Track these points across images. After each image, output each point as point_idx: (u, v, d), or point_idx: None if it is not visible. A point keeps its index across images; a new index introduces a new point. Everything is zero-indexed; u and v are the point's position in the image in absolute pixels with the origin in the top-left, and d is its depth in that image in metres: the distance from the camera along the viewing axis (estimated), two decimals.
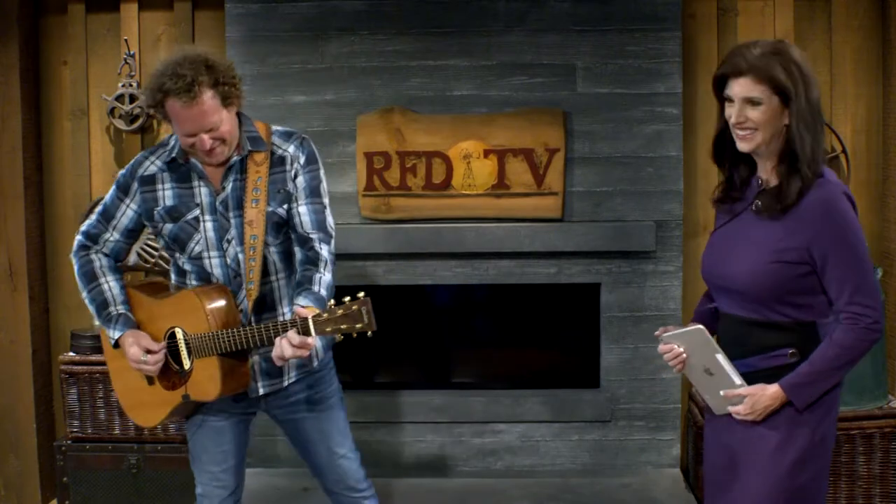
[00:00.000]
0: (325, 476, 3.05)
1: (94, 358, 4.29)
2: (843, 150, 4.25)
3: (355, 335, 2.51)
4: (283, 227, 2.84)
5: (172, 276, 2.97)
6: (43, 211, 4.57)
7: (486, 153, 4.19)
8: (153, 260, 4.43)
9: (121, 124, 4.39)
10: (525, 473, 4.32)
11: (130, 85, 4.38)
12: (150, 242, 4.44)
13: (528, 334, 4.52)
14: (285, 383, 2.92)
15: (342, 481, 3.04)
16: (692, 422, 4.25)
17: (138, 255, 4.44)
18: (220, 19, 4.35)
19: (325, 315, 2.50)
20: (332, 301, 2.56)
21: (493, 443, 4.35)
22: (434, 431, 4.34)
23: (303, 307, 2.57)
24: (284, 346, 2.54)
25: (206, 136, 2.67)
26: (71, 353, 4.36)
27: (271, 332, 2.61)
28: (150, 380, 2.88)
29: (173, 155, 2.81)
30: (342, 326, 2.49)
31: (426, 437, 4.34)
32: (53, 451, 4.36)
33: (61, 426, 4.54)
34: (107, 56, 4.48)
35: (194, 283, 2.87)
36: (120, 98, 4.38)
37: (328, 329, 2.50)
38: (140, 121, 4.38)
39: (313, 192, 2.84)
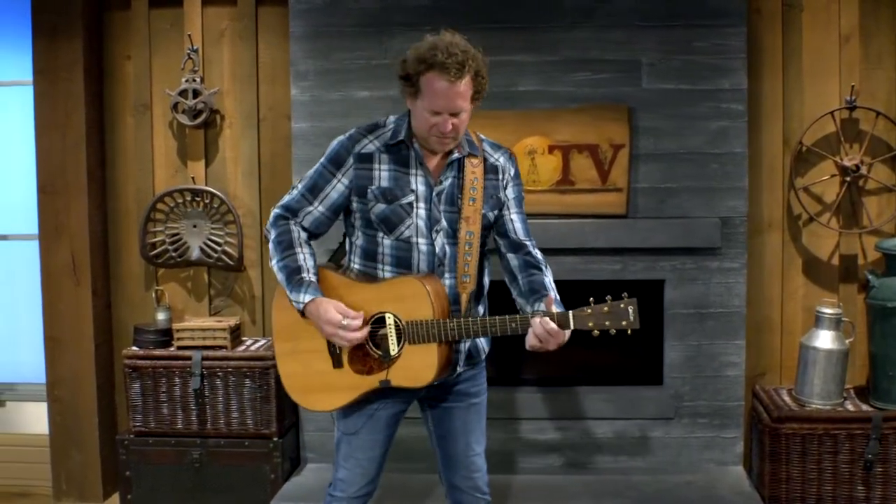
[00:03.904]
0: (456, 470, 3.06)
1: (157, 352, 4.32)
2: None
3: (614, 332, 2.63)
4: (486, 232, 2.93)
5: (355, 260, 2.93)
6: (106, 206, 4.59)
7: (551, 149, 4.18)
8: (216, 255, 4.44)
9: (184, 119, 4.40)
10: (588, 470, 4.32)
11: (194, 80, 4.39)
12: (213, 237, 4.45)
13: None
14: (454, 375, 2.96)
15: (471, 479, 3.07)
16: (756, 419, 4.23)
17: (201, 249, 4.45)
18: (283, 15, 4.35)
19: (588, 310, 2.61)
20: (592, 299, 2.69)
21: (556, 439, 4.35)
22: (496, 428, 4.32)
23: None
24: (543, 335, 2.66)
25: (450, 119, 2.72)
26: (134, 348, 4.37)
27: (521, 324, 2.68)
28: (338, 363, 2.84)
29: (400, 137, 2.83)
30: (606, 322, 2.61)
31: (488, 434, 4.30)
32: (116, 445, 4.37)
33: (124, 420, 4.56)
34: (170, 51, 4.49)
35: (387, 267, 2.85)
36: (183, 93, 4.39)
37: (590, 324, 2.61)
38: (203, 116, 4.38)
39: (521, 204, 3.00)
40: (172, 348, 4.34)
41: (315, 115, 4.24)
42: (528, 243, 2.95)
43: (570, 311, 2.61)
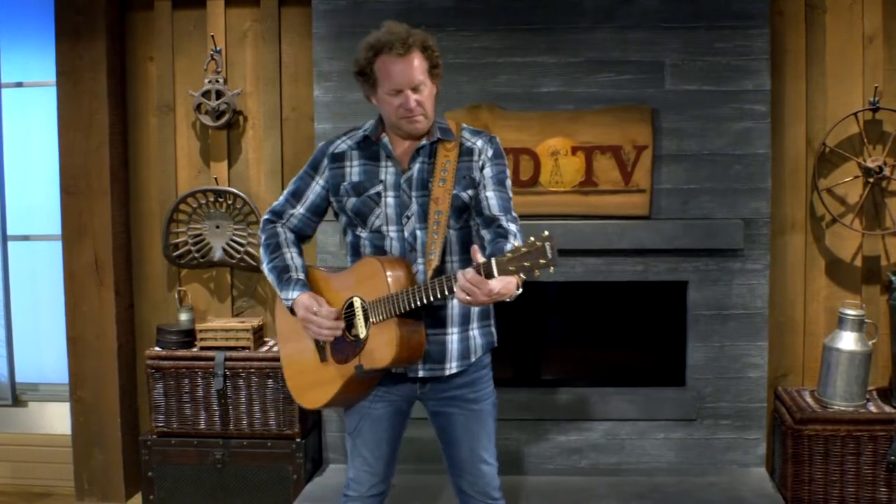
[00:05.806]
0: (463, 477, 3.04)
1: (180, 353, 4.32)
2: None
3: (538, 272, 2.49)
4: (463, 213, 2.90)
5: (348, 258, 3.03)
6: (129, 206, 4.60)
7: (574, 150, 4.19)
8: (238, 255, 4.45)
9: (207, 120, 4.40)
10: (610, 471, 4.32)
11: (217, 81, 4.40)
12: (235, 238, 4.46)
13: (614, 332, 4.51)
14: (446, 372, 2.93)
15: (478, 485, 3.03)
16: (778, 421, 4.23)
17: (224, 250, 4.46)
18: (306, 15, 4.36)
19: (509, 255, 2.49)
20: (516, 244, 2.62)
21: (579, 440, 4.34)
22: (520, 429, 4.34)
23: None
24: (465, 286, 2.52)
25: (411, 94, 2.78)
26: (156, 348, 4.38)
27: (452, 281, 2.59)
28: (323, 356, 2.93)
29: (366, 133, 2.94)
30: (525, 264, 2.47)
31: (512, 435, 4.33)
32: (138, 445, 4.39)
33: (146, 421, 4.56)
34: (193, 52, 4.50)
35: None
36: (206, 94, 4.39)
37: (511, 268, 2.48)
38: (226, 117, 4.39)
39: (500, 183, 2.93)
40: (195, 349, 4.35)
41: (338, 116, 4.25)
42: (501, 217, 2.87)
43: (493, 258, 2.51)
